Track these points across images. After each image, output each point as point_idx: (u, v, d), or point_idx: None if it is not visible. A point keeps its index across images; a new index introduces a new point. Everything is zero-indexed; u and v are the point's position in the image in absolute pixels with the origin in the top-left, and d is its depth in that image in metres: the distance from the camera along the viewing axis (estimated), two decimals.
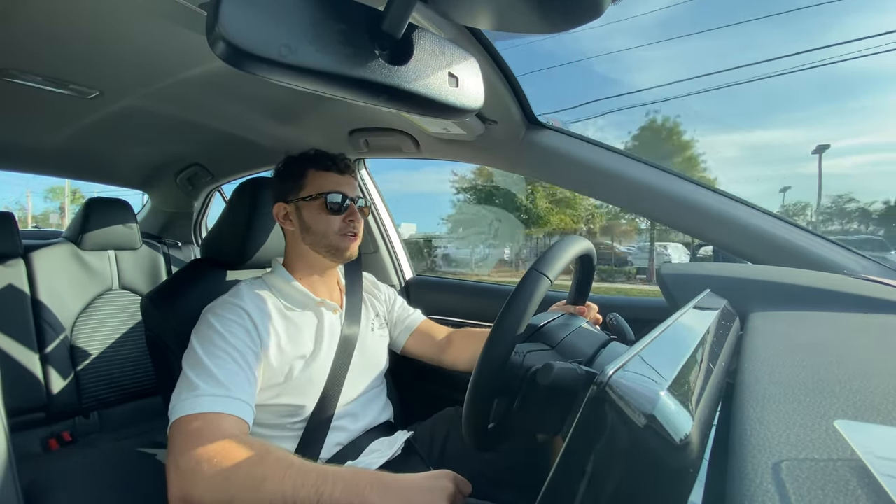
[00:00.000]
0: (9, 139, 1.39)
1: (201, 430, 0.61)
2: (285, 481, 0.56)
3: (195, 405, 0.63)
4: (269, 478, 0.56)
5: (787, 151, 46.07)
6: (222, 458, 0.58)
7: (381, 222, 1.58)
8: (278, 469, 0.57)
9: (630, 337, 0.73)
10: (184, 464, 0.58)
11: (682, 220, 0.93)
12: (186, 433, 0.61)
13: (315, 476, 0.57)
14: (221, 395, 0.65)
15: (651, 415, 0.26)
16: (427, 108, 0.37)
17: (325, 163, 0.86)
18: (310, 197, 0.84)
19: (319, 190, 0.84)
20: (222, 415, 0.64)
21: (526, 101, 0.96)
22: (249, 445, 0.60)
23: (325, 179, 0.85)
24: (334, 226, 0.84)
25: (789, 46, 38.66)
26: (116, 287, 1.64)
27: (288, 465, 0.58)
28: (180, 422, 0.62)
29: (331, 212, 0.84)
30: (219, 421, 0.63)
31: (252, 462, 0.58)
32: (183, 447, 0.60)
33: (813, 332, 0.52)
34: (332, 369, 0.84)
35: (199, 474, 0.57)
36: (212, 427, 0.62)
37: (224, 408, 0.64)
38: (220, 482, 0.57)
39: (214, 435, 0.61)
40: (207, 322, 0.74)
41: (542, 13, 0.34)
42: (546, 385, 0.50)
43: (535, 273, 0.58)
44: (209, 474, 0.57)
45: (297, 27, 0.29)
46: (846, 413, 0.28)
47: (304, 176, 0.85)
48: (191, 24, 0.69)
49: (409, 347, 1.06)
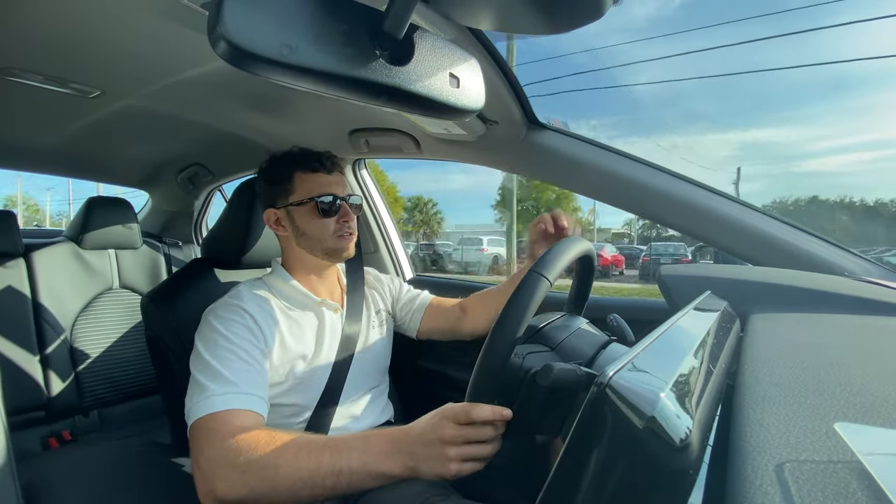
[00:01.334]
0: (10, 138, 1.39)
1: (216, 430, 0.62)
2: (300, 466, 0.57)
3: (207, 406, 0.64)
4: (281, 465, 0.57)
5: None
6: (236, 452, 0.59)
7: (381, 222, 1.58)
8: (290, 453, 0.58)
9: (630, 338, 0.72)
10: (203, 464, 0.60)
11: (682, 221, 0.93)
12: (203, 433, 0.62)
13: (329, 454, 0.58)
14: (232, 393, 0.66)
15: (651, 416, 0.26)
16: (428, 109, 0.37)
17: (311, 164, 0.84)
18: (300, 202, 0.82)
19: (309, 194, 0.82)
20: (235, 411, 0.64)
21: (527, 102, 0.96)
22: (259, 436, 0.61)
23: (313, 182, 0.83)
24: (329, 228, 0.83)
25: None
26: (117, 286, 1.64)
27: (298, 448, 0.59)
28: (196, 425, 0.63)
29: (323, 215, 0.82)
30: (232, 418, 0.64)
31: (263, 453, 0.59)
32: (202, 447, 0.61)
33: (813, 333, 0.52)
34: (334, 369, 0.84)
35: (217, 473, 0.58)
36: (226, 425, 0.63)
37: (236, 404, 0.65)
38: (237, 477, 0.58)
39: (229, 432, 0.62)
40: (209, 324, 0.74)
41: (544, 14, 0.34)
42: (546, 386, 0.50)
43: (535, 275, 0.58)
44: (226, 471, 0.58)
45: (299, 27, 0.29)
46: (846, 415, 0.28)
47: (291, 180, 0.83)
48: (192, 24, 0.69)
49: (424, 327, 1.03)
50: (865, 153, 55.56)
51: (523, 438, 0.80)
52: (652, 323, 0.44)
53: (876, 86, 68.06)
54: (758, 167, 48.51)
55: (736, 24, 28.59)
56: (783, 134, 57.42)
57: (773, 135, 56.98)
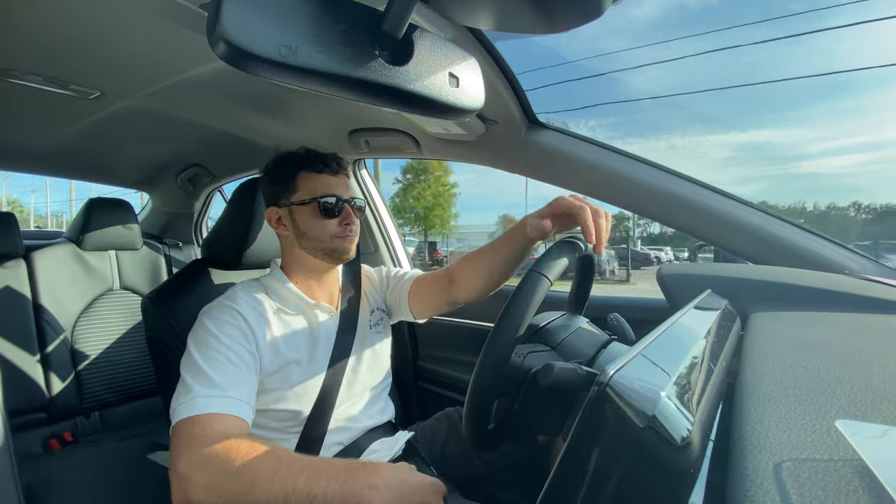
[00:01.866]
0: (10, 139, 1.39)
1: (196, 434, 0.61)
2: (274, 484, 0.56)
3: (190, 408, 0.63)
4: (258, 481, 0.56)
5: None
6: (214, 461, 0.58)
7: (381, 222, 1.58)
8: (266, 471, 0.57)
9: (630, 337, 0.72)
10: (182, 468, 0.58)
11: (682, 220, 0.93)
12: (183, 437, 0.61)
13: (306, 477, 0.57)
14: (216, 396, 0.65)
15: (652, 415, 0.26)
16: (427, 109, 0.37)
17: (316, 164, 0.83)
18: (302, 202, 0.82)
19: (312, 194, 0.81)
20: (217, 415, 0.63)
21: (526, 101, 0.96)
22: (239, 447, 0.60)
23: (317, 182, 0.82)
24: (330, 230, 0.82)
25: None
26: (117, 287, 1.64)
27: (276, 465, 0.58)
28: (178, 426, 0.63)
29: (325, 215, 0.81)
30: (213, 422, 0.63)
31: (241, 464, 0.58)
32: (180, 452, 0.60)
33: (814, 332, 0.52)
34: (328, 373, 0.83)
35: (194, 479, 0.57)
36: (207, 429, 0.61)
37: (219, 408, 0.64)
38: (213, 486, 0.57)
39: (209, 437, 0.61)
40: (202, 324, 0.74)
41: (543, 13, 0.34)
42: (547, 386, 0.50)
43: (536, 274, 0.58)
44: (202, 478, 0.57)
45: (298, 27, 0.29)
46: (847, 413, 0.28)
47: (294, 179, 0.83)
48: (192, 25, 0.69)
49: (416, 305, 0.97)
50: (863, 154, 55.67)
51: (524, 438, 0.80)
52: (652, 322, 0.44)
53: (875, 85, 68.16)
54: (757, 167, 48.66)
55: (734, 23, 28.65)
56: (781, 135, 57.68)
57: (771, 136, 57.18)
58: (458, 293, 0.92)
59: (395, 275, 1.02)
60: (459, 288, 0.92)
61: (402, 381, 1.27)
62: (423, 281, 0.97)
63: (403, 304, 0.98)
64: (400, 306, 0.99)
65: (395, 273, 1.03)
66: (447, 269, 0.95)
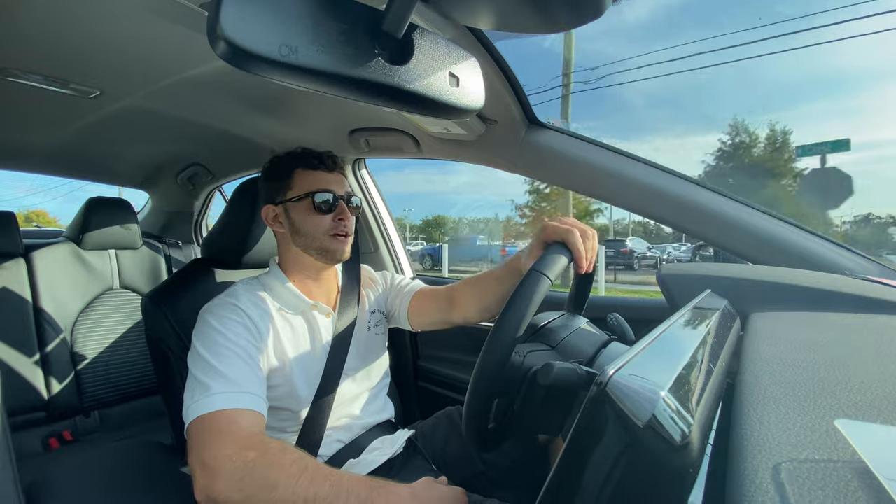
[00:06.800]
0: (9, 139, 1.39)
1: (219, 428, 0.62)
2: (297, 490, 0.57)
3: (209, 404, 0.64)
4: (280, 484, 0.57)
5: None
6: (240, 457, 0.59)
7: (380, 221, 1.58)
8: (291, 476, 0.58)
9: (630, 337, 0.72)
10: (209, 459, 0.59)
11: (682, 220, 0.93)
12: (205, 432, 0.62)
13: (328, 488, 0.58)
14: (234, 392, 0.66)
15: (651, 415, 0.26)
16: (428, 108, 0.37)
17: (311, 161, 0.84)
18: (297, 197, 0.82)
19: (307, 190, 0.82)
20: (238, 410, 0.64)
21: (526, 101, 0.96)
22: (266, 446, 0.61)
23: (312, 178, 0.83)
24: (324, 226, 0.82)
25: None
26: (117, 286, 1.64)
27: (301, 471, 0.59)
28: (197, 422, 0.63)
29: (319, 211, 0.82)
30: (235, 417, 0.64)
31: (267, 464, 0.59)
32: (204, 445, 0.61)
33: (813, 332, 0.52)
34: (325, 373, 0.84)
35: (219, 472, 0.58)
36: (230, 424, 0.62)
37: (238, 403, 0.65)
38: (236, 481, 0.58)
39: (233, 432, 0.62)
40: (206, 322, 0.74)
41: (543, 13, 0.34)
42: (546, 385, 0.50)
43: (536, 273, 0.58)
44: (227, 472, 0.58)
45: (298, 27, 0.29)
46: (847, 413, 0.28)
47: (290, 176, 0.83)
48: (191, 24, 0.69)
49: (414, 317, 0.98)
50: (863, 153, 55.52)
51: (523, 438, 0.80)
52: (652, 322, 0.44)
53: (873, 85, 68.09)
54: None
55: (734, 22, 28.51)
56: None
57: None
58: (455, 316, 0.94)
59: (399, 283, 1.04)
60: (457, 312, 0.94)
61: (402, 380, 1.27)
62: (424, 296, 0.99)
63: (402, 314, 1.00)
64: (399, 315, 1.01)
65: (399, 282, 1.04)
66: (448, 289, 0.97)
